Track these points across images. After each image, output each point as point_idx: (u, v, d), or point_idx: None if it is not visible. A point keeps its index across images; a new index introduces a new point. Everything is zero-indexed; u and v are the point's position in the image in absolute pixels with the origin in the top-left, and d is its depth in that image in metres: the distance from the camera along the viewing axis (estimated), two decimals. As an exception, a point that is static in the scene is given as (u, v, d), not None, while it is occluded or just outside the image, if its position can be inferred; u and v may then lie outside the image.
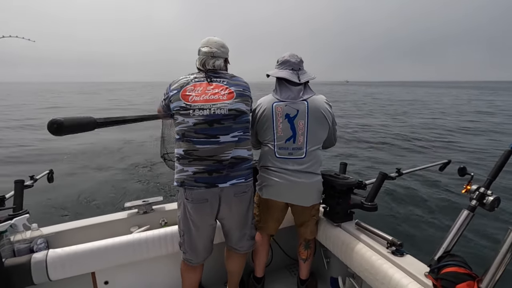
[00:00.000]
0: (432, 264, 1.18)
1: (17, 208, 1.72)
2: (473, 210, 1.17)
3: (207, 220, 1.51)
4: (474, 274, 1.07)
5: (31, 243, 1.59)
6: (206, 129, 1.40)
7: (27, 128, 12.05)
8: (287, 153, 1.60)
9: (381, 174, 1.73)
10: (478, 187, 1.17)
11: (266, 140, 1.66)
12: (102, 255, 1.59)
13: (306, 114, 1.58)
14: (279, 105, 1.61)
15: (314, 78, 1.67)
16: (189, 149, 1.42)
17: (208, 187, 1.42)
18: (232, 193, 1.47)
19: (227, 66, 1.64)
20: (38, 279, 1.47)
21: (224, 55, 1.59)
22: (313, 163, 1.61)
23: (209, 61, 1.53)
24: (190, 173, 1.42)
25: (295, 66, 1.65)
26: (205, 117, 1.40)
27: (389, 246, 1.43)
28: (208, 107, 1.41)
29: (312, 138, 1.60)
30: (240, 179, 1.47)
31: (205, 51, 1.53)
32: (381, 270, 1.34)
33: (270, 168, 1.63)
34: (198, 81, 1.49)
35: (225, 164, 1.42)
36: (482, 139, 8.70)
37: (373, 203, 1.67)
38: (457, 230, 1.18)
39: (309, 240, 1.85)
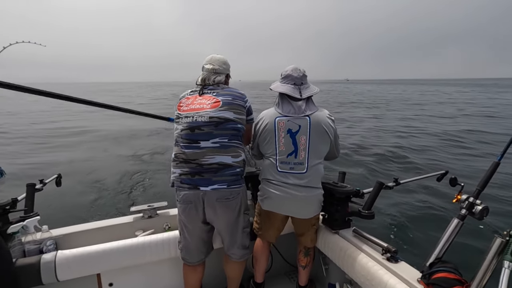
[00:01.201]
0: (424, 270, 1.24)
1: (28, 210, 1.79)
2: (463, 219, 1.23)
3: (195, 221, 1.59)
4: (463, 279, 1.12)
5: (41, 244, 1.66)
6: (189, 135, 1.54)
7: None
8: (288, 168, 1.63)
9: (378, 183, 1.79)
10: (468, 197, 1.24)
11: (268, 154, 1.70)
12: (107, 257, 1.65)
13: (308, 130, 1.61)
14: (282, 120, 1.64)
15: (317, 92, 1.69)
16: (178, 153, 1.57)
17: (191, 188, 1.52)
18: (214, 198, 1.53)
19: (227, 81, 1.78)
20: (46, 279, 1.53)
21: (225, 72, 1.72)
22: (314, 178, 1.64)
23: (211, 76, 1.66)
24: (177, 174, 1.55)
25: (297, 81, 1.67)
26: (188, 124, 1.55)
27: (384, 252, 1.48)
28: (191, 115, 1.56)
29: (314, 153, 1.62)
30: (222, 185, 1.52)
31: (208, 68, 1.67)
32: (377, 276, 1.39)
33: (271, 181, 1.67)
34: (192, 94, 1.66)
35: (206, 168, 1.51)
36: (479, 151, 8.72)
37: (370, 211, 1.72)
38: (447, 238, 1.24)
39: (309, 248, 1.89)
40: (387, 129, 12.13)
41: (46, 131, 12.06)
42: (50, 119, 16.23)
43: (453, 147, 8.55)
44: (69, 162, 7.41)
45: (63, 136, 11.16)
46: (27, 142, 10.03)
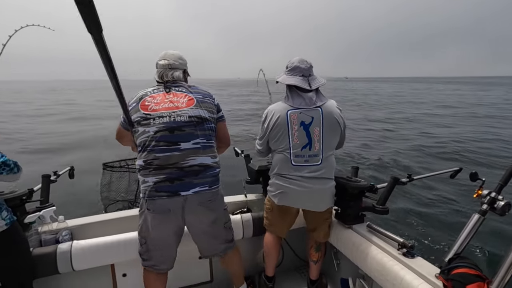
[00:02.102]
0: (442, 266, 1.22)
1: (44, 201, 1.82)
2: (484, 214, 1.20)
3: (171, 230, 1.48)
4: (484, 276, 1.10)
5: (57, 234, 1.69)
6: (167, 136, 1.39)
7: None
8: (303, 161, 1.61)
9: (393, 179, 1.77)
10: (489, 192, 1.21)
11: (280, 148, 1.66)
12: (121, 248, 1.66)
13: (321, 121, 1.60)
14: (294, 112, 1.61)
15: (324, 83, 1.67)
16: (149, 159, 1.39)
17: (170, 195, 1.38)
18: (196, 203, 1.43)
19: (186, 78, 1.66)
20: (63, 268, 1.56)
21: (182, 67, 1.61)
22: (328, 169, 1.64)
23: (167, 72, 1.55)
24: (151, 183, 1.38)
25: (305, 72, 1.64)
26: (165, 124, 1.40)
27: (400, 248, 1.46)
28: (168, 115, 1.42)
29: (327, 145, 1.62)
30: (204, 187, 1.44)
31: (163, 64, 1.55)
32: (392, 271, 1.37)
33: (286, 176, 1.64)
34: (157, 91, 1.51)
35: (187, 171, 1.40)
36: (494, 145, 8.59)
37: (384, 206, 1.70)
38: (467, 234, 1.22)
39: (320, 243, 1.88)
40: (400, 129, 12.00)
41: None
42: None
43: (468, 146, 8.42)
44: (84, 152, 7.51)
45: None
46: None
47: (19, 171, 1.45)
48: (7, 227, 1.34)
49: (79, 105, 22.29)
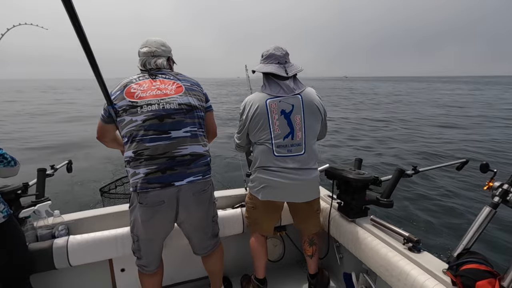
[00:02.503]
0: (451, 261, 1.16)
1: (40, 195, 1.78)
2: (495, 207, 1.14)
3: (164, 224, 1.43)
4: (495, 271, 1.05)
5: (53, 229, 1.65)
6: (156, 125, 1.33)
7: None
8: (286, 151, 1.54)
9: (398, 171, 1.71)
10: (502, 184, 1.14)
11: (261, 139, 1.57)
12: (119, 243, 1.63)
13: (302, 108, 1.54)
14: (273, 101, 1.54)
15: (301, 70, 1.61)
16: (139, 149, 1.32)
17: (164, 187, 1.32)
18: (190, 193, 1.38)
19: (171, 66, 1.59)
20: (59, 264, 1.53)
21: (165, 54, 1.53)
22: (312, 158, 1.58)
23: (150, 60, 1.47)
24: (142, 175, 1.31)
25: (281, 60, 1.58)
26: (154, 112, 1.33)
27: (405, 242, 1.41)
28: (156, 102, 1.35)
29: (310, 132, 1.56)
30: (198, 176, 1.40)
31: (145, 51, 1.47)
32: (397, 267, 1.33)
33: (270, 169, 1.56)
34: (143, 79, 1.43)
35: (178, 161, 1.34)
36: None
37: (389, 199, 1.65)
38: (477, 227, 1.16)
39: (313, 236, 1.82)
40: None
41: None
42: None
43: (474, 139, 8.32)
44: (79, 147, 7.52)
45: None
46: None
47: (17, 165, 1.44)
48: (5, 219, 1.32)
49: (78, 103, 22.31)
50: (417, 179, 4.73)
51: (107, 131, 1.50)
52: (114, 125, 1.45)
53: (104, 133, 1.52)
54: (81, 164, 5.74)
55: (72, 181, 4.73)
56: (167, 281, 1.75)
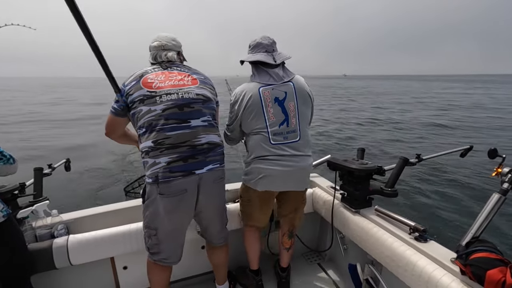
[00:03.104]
0: (459, 250, 1.13)
1: (37, 195, 1.75)
2: (505, 194, 1.11)
3: (188, 213, 1.43)
4: (506, 260, 1.02)
5: (52, 229, 1.62)
6: (177, 114, 1.34)
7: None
8: (282, 138, 1.52)
9: (402, 159, 1.67)
10: (511, 170, 1.11)
11: (256, 129, 1.54)
12: (120, 241, 1.61)
13: (295, 95, 1.54)
14: (266, 89, 1.52)
15: (289, 57, 1.61)
16: (159, 139, 1.31)
17: (186, 175, 1.32)
18: (211, 180, 1.41)
19: (181, 60, 1.60)
20: (60, 263, 1.51)
21: (176, 48, 1.54)
22: (307, 145, 1.58)
23: (160, 53, 1.49)
24: (163, 164, 1.30)
25: (269, 48, 1.58)
26: (174, 101, 1.34)
27: (412, 232, 1.38)
28: (175, 92, 1.37)
29: (303, 119, 1.57)
30: (216, 164, 1.43)
31: (155, 45, 1.50)
32: (404, 257, 1.30)
33: (267, 158, 1.52)
34: (158, 70, 1.44)
35: (199, 149, 1.36)
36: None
37: (393, 188, 1.62)
38: (487, 215, 1.13)
39: (293, 229, 1.80)
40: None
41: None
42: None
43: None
44: (77, 146, 7.49)
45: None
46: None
47: (15, 163, 1.41)
48: (4, 219, 1.30)
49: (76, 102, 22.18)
50: (421, 168, 4.70)
51: (118, 125, 1.48)
52: (126, 118, 1.44)
53: (115, 127, 1.49)
54: (78, 163, 5.71)
55: (70, 180, 4.70)
56: (171, 277, 1.74)
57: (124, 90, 1.38)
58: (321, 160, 2.16)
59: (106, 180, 5.12)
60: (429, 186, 4.35)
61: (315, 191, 2.09)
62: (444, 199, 3.96)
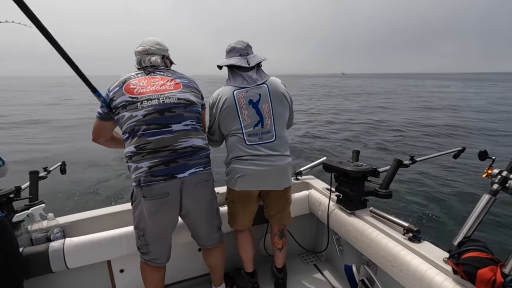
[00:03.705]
0: (451, 250, 1.16)
1: (33, 198, 1.74)
2: (495, 195, 1.14)
3: (170, 216, 1.45)
4: (497, 258, 1.05)
5: (48, 232, 1.62)
6: (157, 119, 1.35)
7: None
8: (257, 139, 1.56)
9: (396, 161, 1.70)
10: (501, 171, 1.14)
11: (232, 131, 1.59)
12: (117, 244, 1.61)
13: (269, 97, 1.58)
14: (240, 92, 1.57)
15: (264, 59, 1.65)
16: (141, 144, 1.33)
17: (167, 179, 1.34)
18: (193, 183, 1.41)
19: (167, 64, 1.61)
20: (56, 267, 1.50)
21: (160, 52, 1.56)
22: (283, 145, 1.60)
23: (144, 58, 1.51)
24: (145, 168, 1.32)
25: (243, 52, 1.64)
26: (154, 107, 1.35)
27: (405, 232, 1.40)
28: (156, 97, 1.37)
29: (278, 120, 1.60)
30: (199, 168, 1.43)
31: (139, 50, 1.52)
32: (398, 257, 1.32)
33: (243, 158, 1.56)
34: (141, 75, 1.46)
35: (180, 153, 1.37)
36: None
37: (387, 190, 1.64)
38: (478, 215, 1.16)
39: (283, 228, 1.83)
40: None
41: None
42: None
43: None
44: (72, 149, 7.44)
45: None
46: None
47: (4, 164, 1.40)
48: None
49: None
50: (415, 169, 4.77)
51: (104, 129, 1.51)
52: (112, 122, 1.46)
53: (102, 132, 1.52)
54: (74, 166, 5.68)
55: (65, 183, 4.67)
56: (167, 280, 1.74)
57: (108, 96, 1.41)
58: (316, 162, 2.19)
59: (102, 183, 5.09)
60: (422, 187, 4.41)
61: (311, 193, 2.11)
62: (437, 200, 4.03)
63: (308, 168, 2.28)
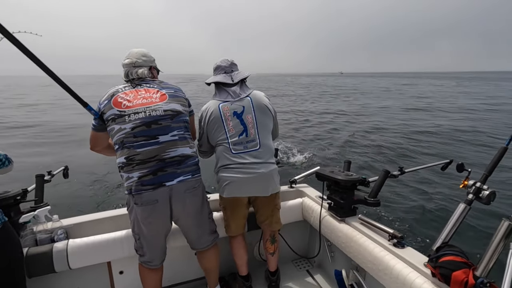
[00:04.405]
0: (431, 254, 1.25)
1: (38, 200, 1.82)
2: (469, 204, 1.24)
3: (161, 221, 1.52)
4: (470, 262, 1.14)
5: (52, 233, 1.69)
6: (145, 131, 1.42)
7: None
8: (242, 147, 1.66)
9: (384, 171, 1.80)
10: (475, 182, 1.24)
11: (219, 141, 1.70)
12: (117, 246, 1.68)
13: (252, 108, 1.71)
14: (225, 105, 1.70)
15: (248, 75, 1.81)
16: (130, 155, 1.41)
17: (156, 187, 1.41)
18: (182, 190, 1.48)
19: (154, 74, 1.69)
20: (59, 267, 1.57)
21: (146, 64, 1.62)
22: (267, 153, 1.71)
23: (131, 71, 1.58)
24: (135, 178, 1.40)
25: (227, 69, 1.80)
26: (141, 120, 1.42)
27: (390, 238, 1.50)
28: (142, 110, 1.44)
29: (262, 129, 1.71)
30: (187, 175, 1.49)
31: (127, 63, 1.59)
32: (383, 262, 1.41)
33: (229, 166, 1.66)
34: (128, 88, 1.52)
35: (168, 162, 1.44)
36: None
37: (376, 198, 1.73)
38: (454, 222, 1.25)
39: (275, 233, 1.92)
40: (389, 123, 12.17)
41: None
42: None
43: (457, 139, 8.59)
44: (75, 153, 7.48)
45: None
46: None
47: (10, 164, 1.46)
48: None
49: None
50: (403, 178, 4.91)
51: (100, 139, 1.61)
52: (105, 132, 1.53)
53: (98, 142, 1.63)
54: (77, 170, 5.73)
55: (69, 187, 4.74)
56: (165, 282, 1.80)
57: (100, 109, 1.49)
58: (310, 172, 2.28)
59: (104, 187, 5.17)
60: (409, 195, 4.57)
61: (305, 201, 2.20)
62: (422, 207, 4.20)
63: (302, 177, 2.37)
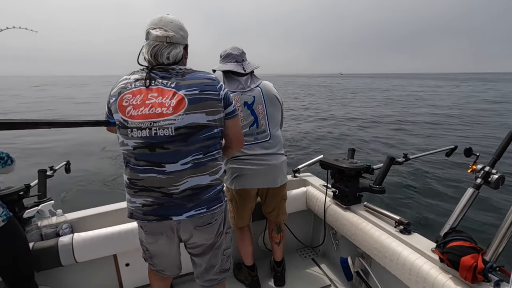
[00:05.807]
0: (438, 240, 1.24)
1: (42, 195, 1.81)
2: (478, 188, 1.22)
3: (170, 249, 1.29)
4: (478, 247, 1.13)
5: (57, 228, 1.69)
6: (147, 155, 1.08)
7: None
8: (253, 139, 1.64)
9: (389, 158, 1.78)
10: (483, 166, 1.22)
11: None
12: (123, 239, 1.68)
13: (262, 99, 1.67)
14: (235, 95, 1.65)
15: (258, 67, 1.74)
16: (132, 178, 1.13)
17: (160, 220, 1.14)
18: (191, 226, 1.19)
19: (185, 59, 1.23)
20: (65, 260, 1.58)
21: (183, 41, 1.17)
22: (278, 144, 1.70)
23: (163, 50, 1.10)
24: (138, 205, 1.14)
25: (239, 58, 1.71)
26: (144, 140, 1.06)
27: (397, 225, 1.49)
28: (147, 126, 1.05)
29: (272, 120, 1.69)
30: (200, 209, 1.15)
31: (159, 35, 1.09)
32: (390, 248, 1.41)
33: (240, 158, 1.63)
34: (139, 86, 1.09)
35: (176, 197, 1.12)
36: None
37: (381, 186, 1.72)
38: (462, 207, 1.24)
39: (280, 223, 1.92)
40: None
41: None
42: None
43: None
44: (80, 145, 7.51)
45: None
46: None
47: (13, 163, 1.45)
48: (4, 223, 1.34)
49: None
50: (408, 166, 4.90)
51: (115, 131, 1.33)
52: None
53: (114, 132, 1.36)
54: (79, 164, 5.76)
55: (72, 181, 4.77)
56: None
57: (109, 102, 1.16)
58: (313, 160, 2.27)
59: (109, 180, 5.21)
60: (414, 182, 4.57)
61: (309, 190, 2.19)
62: (427, 194, 4.20)
63: (305, 166, 2.36)
